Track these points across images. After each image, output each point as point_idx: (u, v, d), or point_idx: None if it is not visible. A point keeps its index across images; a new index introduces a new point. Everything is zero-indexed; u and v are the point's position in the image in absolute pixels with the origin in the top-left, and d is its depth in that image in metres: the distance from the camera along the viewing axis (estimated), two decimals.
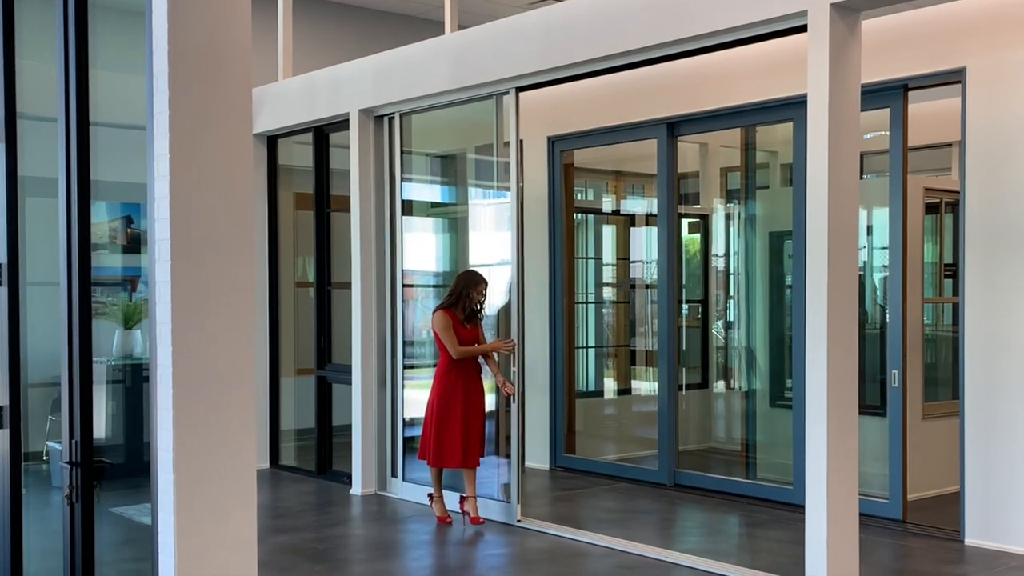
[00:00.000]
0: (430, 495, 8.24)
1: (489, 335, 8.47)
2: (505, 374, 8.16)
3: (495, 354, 8.14)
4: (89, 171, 3.83)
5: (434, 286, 9.85)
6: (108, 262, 6.24)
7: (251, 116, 3.70)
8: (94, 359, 3.90)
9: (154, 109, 3.58)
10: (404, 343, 9.25)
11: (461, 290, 7.95)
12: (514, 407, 8.06)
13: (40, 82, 4.36)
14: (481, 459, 8.03)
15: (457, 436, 7.87)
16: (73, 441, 3.82)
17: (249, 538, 3.72)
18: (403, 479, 9.18)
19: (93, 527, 3.87)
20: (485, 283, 8.02)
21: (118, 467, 4.54)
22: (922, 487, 8.19)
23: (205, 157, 3.57)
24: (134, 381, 6.54)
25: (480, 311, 8.05)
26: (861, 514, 6.24)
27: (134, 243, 5.95)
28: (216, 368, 3.61)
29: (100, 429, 4.40)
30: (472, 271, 8.22)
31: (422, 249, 9.87)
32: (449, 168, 10.16)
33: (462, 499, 8.04)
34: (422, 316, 9.47)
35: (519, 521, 7.97)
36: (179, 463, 3.56)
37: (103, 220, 5.99)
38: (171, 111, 3.50)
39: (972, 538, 7.22)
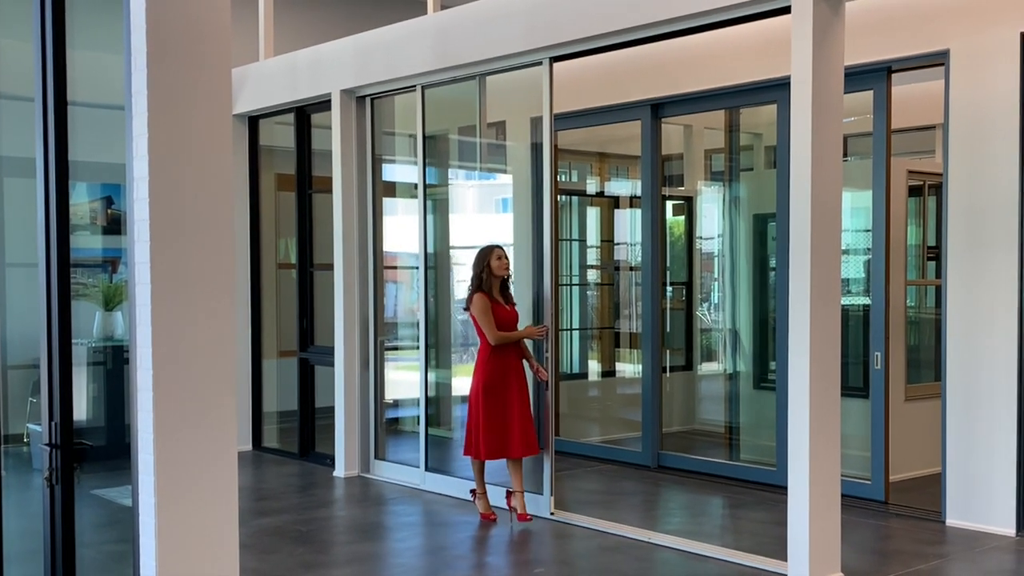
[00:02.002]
0: (473, 491, 7.85)
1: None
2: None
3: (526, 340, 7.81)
4: (67, 151, 3.79)
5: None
6: (88, 243, 6.20)
7: (230, 95, 3.67)
8: (74, 341, 3.87)
9: (132, 88, 3.55)
10: (428, 323, 8.99)
11: (481, 267, 7.58)
12: (547, 394, 7.79)
13: (17, 61, 4.32)
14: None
15: (515, 424, 7.52)
16: (53, 423, 3.79)
17: (231, 520, 3.70)
18: (430, 466, 9.17)
19: (73, 509, 3.85)
20: (499, 247, 7.68)
21: (99, 449, 4.52)
22: (904, 468, 8.22)
23: (184, 137, 3.54)
24: (115, 363, 6.51)
25: (509, 279, 7.72)
26: (843, 495, 6.26)
27: (114, 224, 5.91)
28: (196, 349, 3.59)
29: (81, 411, 4.37)
30: (484, 246, 7.83)
31: (404, 230, 9.82)
32: (431, 149, 10.12)
33: (509, 494, 7.68)
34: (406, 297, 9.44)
35: (552, 514, 7.68)
36: (160, 445, 3.54)
37: (83, 201, 5.94)
38: (149, 90, 3.47)
39: (953, 519, 7.26)
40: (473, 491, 7.85)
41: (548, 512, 7.68)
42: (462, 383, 9.29)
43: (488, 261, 7.60)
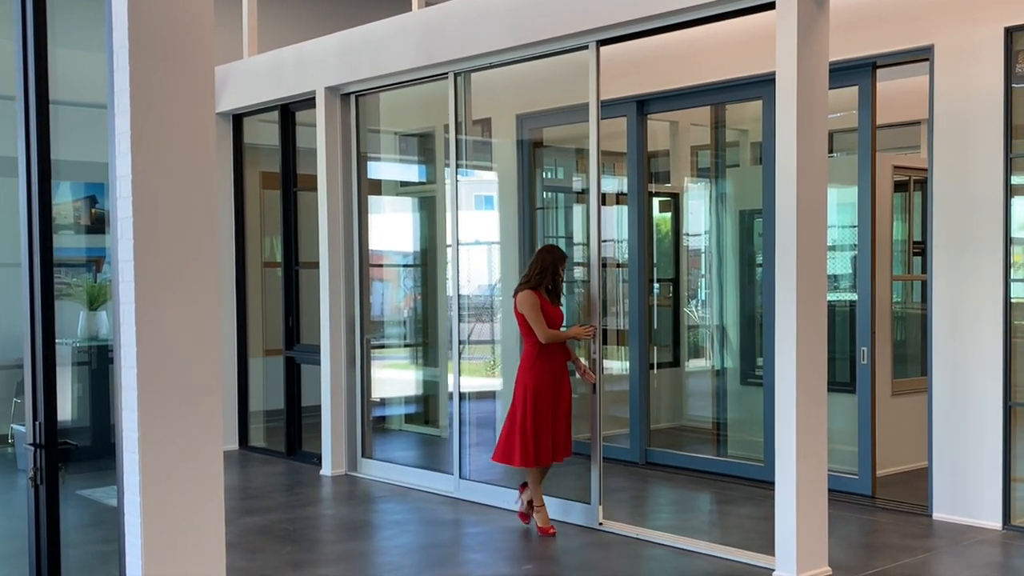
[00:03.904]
0: (529, 503, 7.33)
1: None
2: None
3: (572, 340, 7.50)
4: (49, 150, 3.77)
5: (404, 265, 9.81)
6: (72, 243, 6.18)
7: (213, 92, 3.65)
8: (59, 341, 3.85)
9: (114, 86, 3.53)
10: (460, 320, 8.70)
11: (548, 266, 7.19)
12: (594, 397, 7.40)
13: None
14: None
15: (561, 429, 7.19)
16: (37, 423, 3.77)
17: (217, 519, 3.69)
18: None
19: (58, 509, 3.83)
20: (567, 256, 7.39)
21: (84, 449, 4.50)
22: (891, 463, 8.24)
23: (167, 134, 3.52)
24: (100, 363, 6.48)
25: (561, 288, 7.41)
26: (831, 490, 6.27)
27: (98, 223, 5.88)
28: (181, 348, 3.57)
29: (65, 411, 4.35)
30: (554, 246, 7.54)
31: (391, 228, 9.79)
32: (421, 147, 10.10)
33: (529, 506, 7.33)
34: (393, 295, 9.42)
35: (601, 524, 7.27)
36: (145, 444, 3.52)
37: (67, 200, 5.92)
38: (132, 88, 3.45)
39: (940, 513, 7.28)
40: (529, 503, 7.36)
41: (597, 522, 7.31)
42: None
43: (559, 269, 7.25)
